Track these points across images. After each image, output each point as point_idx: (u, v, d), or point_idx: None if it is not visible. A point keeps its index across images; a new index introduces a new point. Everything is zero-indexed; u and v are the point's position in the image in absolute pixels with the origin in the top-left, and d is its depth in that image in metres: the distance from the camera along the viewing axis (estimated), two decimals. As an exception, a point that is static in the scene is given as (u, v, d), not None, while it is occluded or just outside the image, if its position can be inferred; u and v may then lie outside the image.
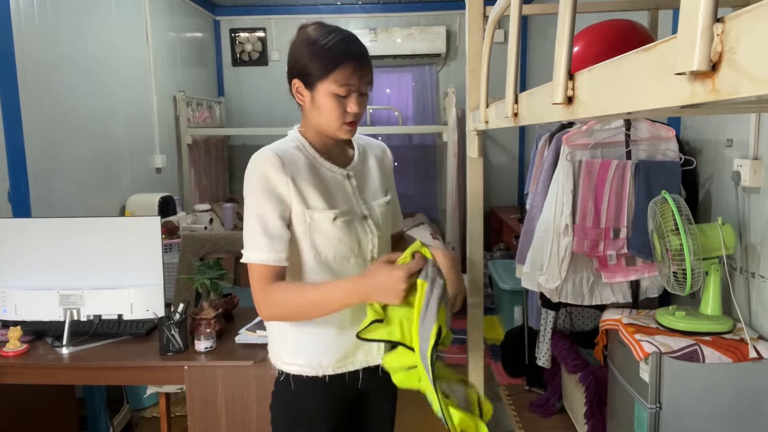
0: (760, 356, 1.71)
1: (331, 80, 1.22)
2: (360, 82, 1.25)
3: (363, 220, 1.34)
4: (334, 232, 1.27)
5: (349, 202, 1.32)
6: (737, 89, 0.38)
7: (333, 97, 1.24)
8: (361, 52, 1.25)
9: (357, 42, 1.27)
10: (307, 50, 1.24)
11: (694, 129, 2.32)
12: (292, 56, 1.27)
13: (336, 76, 1.22)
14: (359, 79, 1.24)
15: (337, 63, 1.22)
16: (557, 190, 2.29)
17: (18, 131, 2.52)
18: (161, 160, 4.03)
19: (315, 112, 1.28)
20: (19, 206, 2.51)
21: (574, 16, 0.70)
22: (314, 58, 1.22)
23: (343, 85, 1.23)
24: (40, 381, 1.93)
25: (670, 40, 0.46)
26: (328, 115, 1.26)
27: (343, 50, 1.23)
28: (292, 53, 1.28)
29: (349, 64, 1.22)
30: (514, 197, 5.52)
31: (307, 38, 1.25)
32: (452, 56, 5.43)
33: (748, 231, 1.93)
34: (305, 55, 1.24)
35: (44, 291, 1.97)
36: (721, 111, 1.64)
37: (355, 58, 1.23)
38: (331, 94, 1.23)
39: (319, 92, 1.24)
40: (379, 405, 1.50)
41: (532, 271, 2.39)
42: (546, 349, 2.71)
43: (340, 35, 1.25)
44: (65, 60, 2.92)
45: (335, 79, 1.22)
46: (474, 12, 1.76)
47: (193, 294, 2.25)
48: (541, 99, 0.87)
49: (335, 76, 1.22)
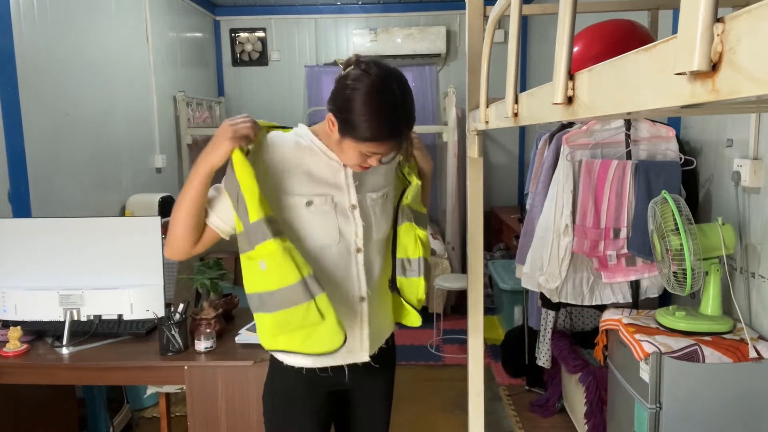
0: (760, 356, 1.71)
1: (363, 145, 1.20)
2: (391, 152, 1.24)
3: (351, 209, 1.32)
4: (308, 218, 1.27)
5: (338, 191, 1.31)
6: (737, 89, 0.38)
7: (358, 152, 1.22)
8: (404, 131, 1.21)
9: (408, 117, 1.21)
10: (355, 109, 1.16)
11: (694, 129, 2.32)
12: (340, 97, 1.19)
13: (369, 146, 1.20)
14: (394, 150, 1.24)
15: (376, 139, 1.18)
16: (557, 190, 2.29)
17: (18, 131, 2.52)
18: (161, 160, 4.03)
19: (336, 146, 1.27)
20: (19, 206, 2.51)
21: (574, 16, 0.70)
22: (358, 122, 1.17)
23: (372, 153, 1.22)
24: (40, 381, 1.93)
25: (670, 40, 0.46)
26: (346, 159, 1.26)
27: (388, 131, 1.18)
28: (341, 92, 1.19)
29: (389, 143, 1.20)
30: (514, 197, 5.53)
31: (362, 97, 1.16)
32: (452, 56, 5.43)
33: (748, 231, 1.93)
34: (351, 111, 1.17)
35: (44, 291, 1.97)
36: (721, 111, 1.64)
37: (396, 138, 1.20)
38: (358, 152, 1.22)
39: (347, 143, 1.22)
40: (372, 405, 1.50)
41: (532, 271, 2.39)
42: (546, 349, 2.71)
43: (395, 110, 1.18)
44: (65, 60, 2.92)
45: (367, 147, 1.20)
46: (474, 12, 1.76)
47: (193, 294, 2.25)
48: (541, 99, 0.87)
49: (368, 146, 1.20)
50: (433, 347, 3.82)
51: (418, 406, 3.06)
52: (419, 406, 3.07)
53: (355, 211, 1.32)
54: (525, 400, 3.07)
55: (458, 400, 3.04)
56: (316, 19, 5.40)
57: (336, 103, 1.21)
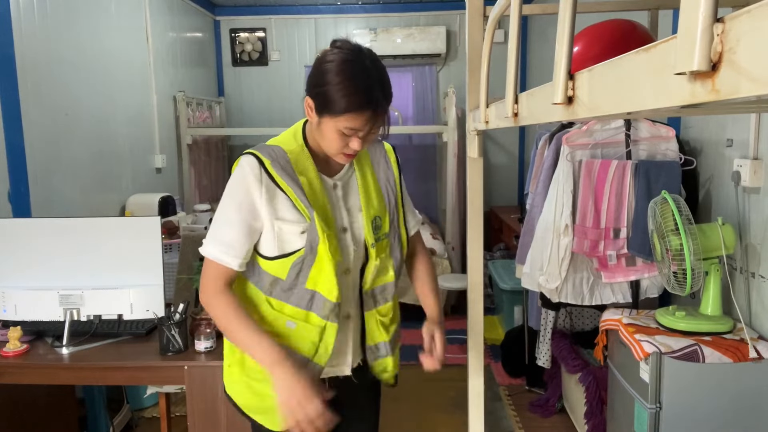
0: (760, 356, 1.71)
1: (340, 120, 1.19)
2: (370, 128, 1.22)
3: (342, 232, 1.32)
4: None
5: (334, 213, 1.31)
6: (737, 89, 0.38)
7: (338, 133, 1.21)
8: (380, 101, 1.19)
9: (383, 88, 1.20)
10: (329, 81, 1.17)
11: (694, 129, 2.32)
12: (315, 74, 1.21)
13: (347, 119, 1.18)
14: (370, 125, 1.22)
15: (352, 109, 1.17)
16: (557, 190, 2.29)
17: (18, 131, 2.52)
18: (161, 160, 4.03)
19: (318, 134, 1.27)
20: (19, 206, 2.51)
21: (574, 16, 0.70)
22: (332, 93, 1.17)
23: (351, 129, 1.20)
24: (40, 381, 1.93)
25: (670, 40, 0.46)
26: (328, 144, 1.25)
27: (364, 99, 1.17)
28: (316, 70, 1.21)
29: (365, 113, 1.18)
30: (514, 197, 5.53)
31: (335, 68, 1.18)
32: (452, 56, 5.43)
33: (748, 231, 1.93)
34: (325, 84, 1.18)
35: (44, 291, 1.97)
36: (721, 111, 1.64)
37: (372, 108, 1.18)
38: (337, 130, 1.21)
39: (325, 123, 1.21)
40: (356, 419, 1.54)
41: (532, 271, 2.39)
42: (546, 349, 2.71)
43: (369, 78, 1.18)
44: (65, 60, 2.92)
45: (345, 121, 1.19)
46: (474, 12, 1.76)
47: (193, 294, 2.24)
48: (541, 99, 0.87)
49: (346, 119, 1.18)
50: (433, 347, 3.81)
51: (418, 406, 3.06)
52: (419, 406, 3.07)
53: (346, 233, 1.33)
54: (525, 400, 3.07)
55: (458, 400, 3.04)
56: (316, 19, 5.40)
57: (311, 82, 1.22)
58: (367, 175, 1.39)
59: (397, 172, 1.44)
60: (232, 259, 1.28)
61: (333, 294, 1.28)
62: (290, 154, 1.29)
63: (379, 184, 1.40)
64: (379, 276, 1.39)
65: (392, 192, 1.41)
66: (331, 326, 1.30)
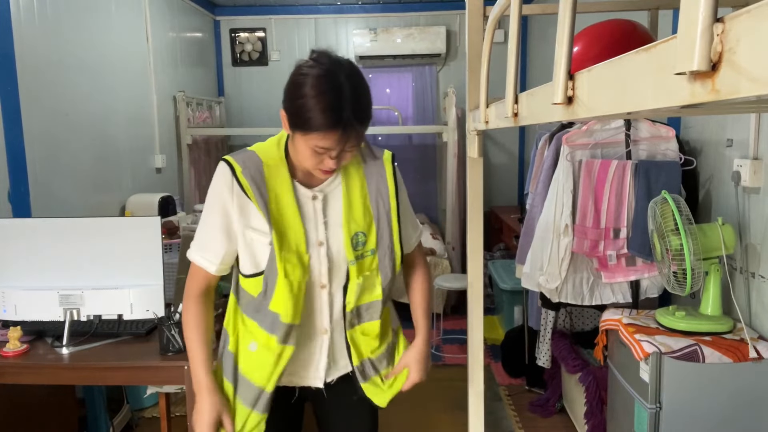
0: (760, 356, 1.71)
1: (310, 138, 1.13)
2: (342, 147, 1.15)
3: (317, 246, 1.28)
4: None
5: (307, 226, 1.27)
6: (737, 89, 0.38)
7: (310, 150, 1.16)
8: (351, 120, 1.11)
9: (357, 106, 1.12)
10: (299, 96, 1.12)
11: (694, 129, 2.32)
12: (288, 88, 1.16)
13: (316, 137, 1.12)
14: (341, 145, 1.14)
15: (320, 128, 1.11)
16: (557, 190, 2.29)
17: (18, 131, 2.52)
18: (161, 160, 4.03)
19: (292, 148, 1.23)
20: (19, 206, 2.51)
21: (574, 16, 0.70)
22: (302, 110, 1.12)
23: (322, 147, 1.14)
24: (40, 381, 1.93)
25: (670, 40, 0.46)
26: (302, 159, 1.21)
27: (333, 118, 1.10)
28: (290, 83, 1.16)
29: (334, 133, 1.11)
30: (514, 197, 5.53)
31: (307, 83, 1.12)
32: (452, 56, 5.43)
33: (748, 231, 1.93)
34: (296, 99, 1.13)
35: (44, 291, 1.97)
36: (721, 111, 1.64)
37: (342, 128, 1.11)
38: (309, 147, 1.16)
39: (297, 138, 1.17)
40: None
41: (532, 271, 2.39)
42: (546, 349, 2.71)
43: (340, 97, 1.10)
44: (65, 60, 2.92)
45: (315, 140, 1.13)
46: (474, 12, 1.76)
47: (193, 294, 2.24)
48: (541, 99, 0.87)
49: (316, 138, 1.13)
50: (433, 347, 3.82)
51: (419, 406, 3.06)
52: (419, 406, 3.07)
53: (321, 248, 1.28)
54: (525, 400, 3.07)
55: (458, 400, 3.04)
56: (316, 19, 5.40)
57: (285, 95, 1.18)
58: (355, 187, 1.31)
59: (392, 185, 1.34)
60: (209, 263, 1.30)
61: (288, 315, 1.25)
62: (266, 162, 1.27)
63: (368, 198, 1.32)
64: (365, 294, 1.33)
65: (384, 206, 1.33)
66: (289, 349, 1.29)
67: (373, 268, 1.32)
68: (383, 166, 1.35)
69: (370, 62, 5.42)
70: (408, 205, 1.43)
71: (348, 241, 1.28)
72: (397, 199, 1.35)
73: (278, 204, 1.25)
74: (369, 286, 1.33)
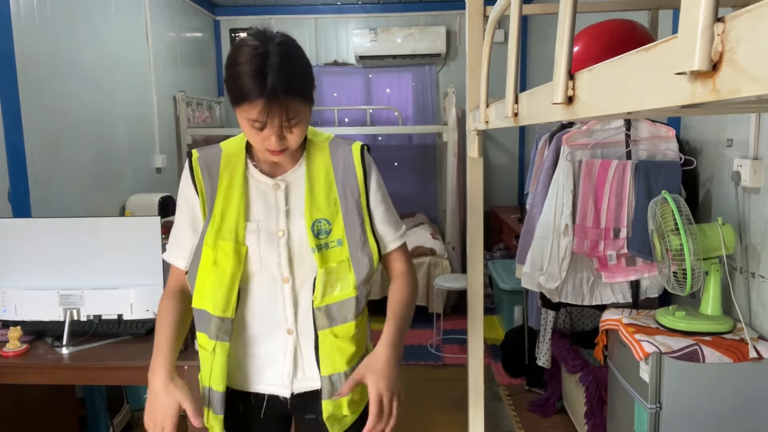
0: (760, 356, 1.71)
1: (240, 111, 1.11)
2: (276, 120, 1.10)
3: (278, 237, 1.21)
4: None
5: (265, 216, 1.22)
6: (737, 89, 0.38)
7: (248, 126, 1.12)
8: (276, 88, 1.06)
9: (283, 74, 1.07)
10: (230, 67, 1.10)
11: (694, 129, 2.32)
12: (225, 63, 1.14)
13: (244, 109, 1.09)
14: (273, 117, 1.09)
15: (243, 99, 1.08)
16: (557, 190, 2.29)
17: (18, 131, 2.52)
18: (161, 160, 4.03)
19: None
20: (19, 206, 2.51)
21: (574, 16, 0.70)
22: (230, 81, 1.10)
23: (254, 120, 1.10)
24: (40, 381, 1.93)
25: (670, 40, 0.46)
26: (249, 138, 1.17)
27: (255, 86, 1.06)
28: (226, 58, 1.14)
29: (258, 103, 1.07)
30: (514, 197, 5.53)
31: (231, 55, 1.11)
32: (452, 56, 5.43)
33: (748, 231, 1.93)
34: (227, 72, 1.11)
35: (44, 291, 1.97)
36: (721, 111, 1.64)
37: (266, 97, 1.06)
38: (245, 123, 1.12)
39: (237, 115, 1.13)
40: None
41: (532, 271, 2.39)
42: (546, 349, 2.71)
43: (264, 65, 1.06)
44: (65, 60, 2.92)
45: (244, 112, 1.10)
46: (474, 12, 1.76)
47: (193, 294, 2.25)
48: (541, 99, 0.87)
49: (243, 110, 1.10)
50: (433, 347, 3.82)
51: (418, 406, 3.06)
52: (419, 406, 3.07)
53: (281, 239, 1.21)
54: (525, 400, 3.07)
55: (458, 400, 3.04)
56: (316, 19, 5.40)
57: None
58: (319, 175, 1.25)
59: (360, 173, 1.26)
60: (176, 258, 1.28)
61: (218, 308, 1.19)
62: (226, 152, 1.26)
63: (334, 185, 1.25)
64: (335, 289, 1.22)
65: (353, 194, 1.25)
66: (221, 345, 1.21)
67: (342, 260, 1.22)
68: (351, 153, 1.28)
69: (370, 62, 5.42)
70: (384, 200, 1.32)
71: (309, 228, 1.21)
72: (367, 187, 1.27)
73: (228, 191, 1.23)
74: (339, 280, 1.22)
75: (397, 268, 1.35)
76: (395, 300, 1.30)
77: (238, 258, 1.19)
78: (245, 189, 1.23)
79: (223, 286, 1.19)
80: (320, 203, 1.23)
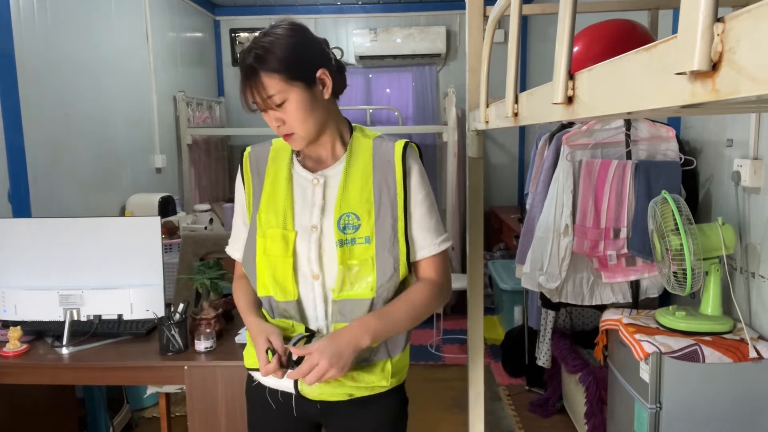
0: (760, 356, 1.71)
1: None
2: (258, 98, 1.17)
3: (311, 231, 1.22)
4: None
5: (301, 211, 1.24)
6: (737, 89, 0.38)
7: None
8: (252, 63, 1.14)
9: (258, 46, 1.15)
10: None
11: (694, 129, 2.32)
12: None
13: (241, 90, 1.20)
14: (251, 94, 1.17)
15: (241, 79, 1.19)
16: (557, 190, 2.29)
17: (18, 131, 2.52)
18: (161, 160, 4.03)
19: None
20: (19, 206, 2.51)
21: (574, 16, 0.70)
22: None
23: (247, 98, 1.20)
24: (40, 381, 1.93)
25: (670, 40, 0.46)
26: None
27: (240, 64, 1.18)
28: None
29: (241, 80, 1.19)
30: (514, 197, 5.52)
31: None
32: (452, 56, 5.43)
33: (748, 231, 1.93)
34: None
35: (44, 291, 1.97)
36: (721, 111, 1.64)
37: (243, 72, 1.18)
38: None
39: None
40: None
41: (532, 271, 2.39)
42: (546, 349, 2.71)
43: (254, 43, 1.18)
44: (65, 60, 2.92)
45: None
46: (474, 12, 1.76)
47: (193, 294, 2.25)
48: (541, 99, 0.87)
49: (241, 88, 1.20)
50: (433, 347, 3.82)
51: (418, 406, 3.06)
52: (419, 406, 3.07)
53: (313, 234, 1.21)
54: (525, 400, 3.07)
55: (458, 400, 3.04)
56: (316, 19, 5.40)
57: None
58: (356, 171, 1.24)
59: (399, 171, 1.22)
60: (234, 251, 1.37)
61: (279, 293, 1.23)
62: (275, 147, 1.32)
63: (371, 182, 1.22)
64: (352, 286, 1.19)
65: (389, 193, 1.22)
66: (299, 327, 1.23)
67: (366, 259, 1.19)
68: (392, 151, 1.25)
69: (370, 62, 5.42)
70: (425, 203, 1.25)
71: (336, 221, 1.20)
72: (406, 187, 1.23)
73: (274, 184, 1.27)
74: (358, 279, 1.19)
75: (424, 274, 1.27)
76: (404, 298, 1.22)
77: (285, 244, 1.22)
78: (290, 183, 1.27)
79: (278, 271, 1.22)
80: (352, 198, 1.21)
